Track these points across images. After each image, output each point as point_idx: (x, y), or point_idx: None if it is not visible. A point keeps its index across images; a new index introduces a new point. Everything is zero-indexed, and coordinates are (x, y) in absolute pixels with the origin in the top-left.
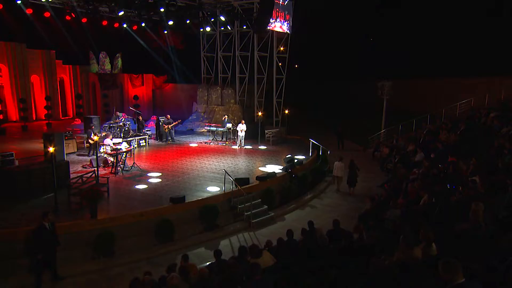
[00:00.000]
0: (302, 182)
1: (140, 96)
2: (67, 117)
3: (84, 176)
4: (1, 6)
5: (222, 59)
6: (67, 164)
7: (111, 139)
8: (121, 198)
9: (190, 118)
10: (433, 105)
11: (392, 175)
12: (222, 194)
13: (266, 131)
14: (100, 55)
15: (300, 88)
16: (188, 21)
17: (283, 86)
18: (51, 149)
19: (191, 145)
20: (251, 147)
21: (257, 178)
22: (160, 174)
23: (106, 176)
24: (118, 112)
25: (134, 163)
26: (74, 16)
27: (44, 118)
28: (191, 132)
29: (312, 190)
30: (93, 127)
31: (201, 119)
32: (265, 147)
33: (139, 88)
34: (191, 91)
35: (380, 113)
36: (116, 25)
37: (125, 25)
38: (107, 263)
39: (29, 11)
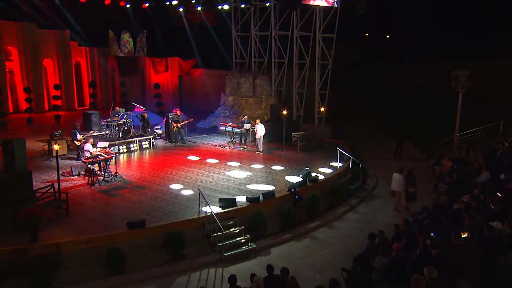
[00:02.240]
0: (311, 205)
1: (164, 84)
2: (83, 107)
3: (39, 191)
4: None
5: (257, 39)
6: (29, 174)
7: (94, 144)
8: (79, 219)
9: (215, 112)
10: None
11: (434, 202)
12: (195, 218)
13: (293, 134)
14: (122, 35)
15: (351, 77)
16: None
17: (329, 74)
18: None
19: (202, 148)
20: (270, 153)
21: (247, 199)
22: (143, 188)
23: (76, 188)
24: (118, 108)
25: (116, 172)
26: None
27: (58, 108)
28: (213, 130)
29: (326, 214)
30: (79, 126)
31: (228, 114)
32: (286, 155)
33: (163, 74)
34: (222, 78)
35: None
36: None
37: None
38: None
39: None
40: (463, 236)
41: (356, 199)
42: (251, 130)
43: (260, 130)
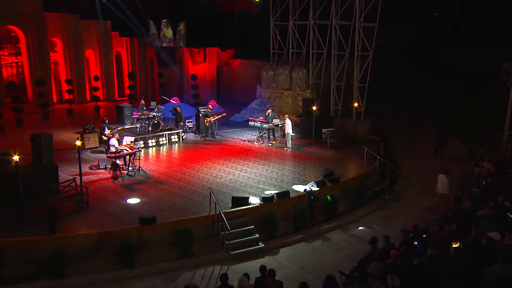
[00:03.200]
0: (328, 206)
1: (202, 75)
2: (123, 98)
3: (62, 184)
4: None
5: (295, 29)
6: (55, 168)
7: (121, 138)
8: (98, 212)
9: (249, 105)
10: None
11: (456, 208)
12: (205, 216)
13: (323, 130)
14: (162, 25)
15: (399, 68)
16: None
17: (369, 66)
18: (16, 157)
19: (231, 143)
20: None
21: (261, 198)
22: (163, 183)
23: (100, 182)
24: (143, 101)
25: (139, 167)
26: None
27: (100, 99)
28: (246, 124)
29: (343, 216)
30: (107, 120)
31: (263, 107)
32: (314, 152)
33: (201, 65)
34: (260, 69)
35: None
36: None
37: None
38: (56, 284)
39: None
40: (454, 246)
41: (380, 201)
42: (280, 125)
43: (288, 126)
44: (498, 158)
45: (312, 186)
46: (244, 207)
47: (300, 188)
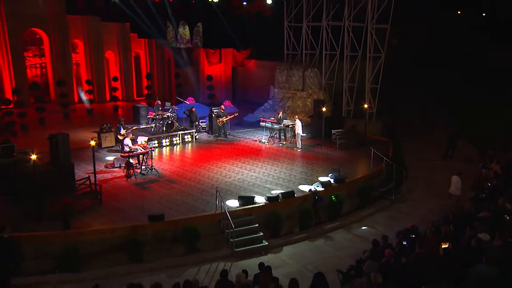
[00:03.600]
0: (333, 206)
1: (217, 76)
2: (141, 98)
3: (78, 181)
4: None
5: (309, 31)
6: (71, 166)
7: (135, 138)
8: (110, 209)
9: (263, 105)
10: None
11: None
12: (211, 214)
13: (333, 131)
14: (179, 27)
15: (408, 70)
16: None
17: (381, 68)
18: (33, 157)
19: (242, 143)
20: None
21: (267, 198)
22: (174, 182)
23: (114, 180)
24: (158, 101)
25: (152, 166)
26: None
27: (118, 99)
28: (259, 124)
29: (347, 216)
30: (123, 121)
31: (276, 108)
32: (323, 153)
33: (216, 66)
34: (274, 70)
35: None
36: None
37: None
38: (68, 277)
39: None
40: (443, 246)
41: (385, 202)
42: (290, 126)
43: (298, 126)
44: (507, 160)
45: (318, 186)
46: (249, 206)
47: (306, 188)
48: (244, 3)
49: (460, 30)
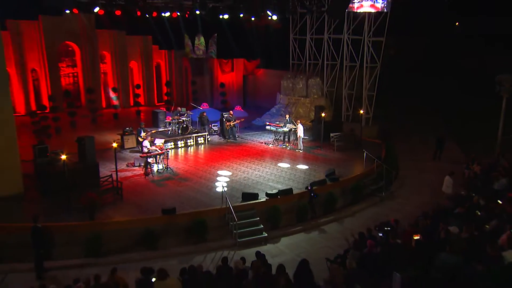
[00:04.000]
0: (327, 202)
1: (229, 83)
2: (161, 103)
3: (102, 178)
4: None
5: (312, 43)
6: (96, 165)
7: (152, 141)
8: (129, 203)
9: (270, 110)
10: None
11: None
12: (217, 208)
13: (331, 134)
14: (196, 38)
15: (404, 78)
16: None
17: (377, 76)
18: (63, 157)
19: (250, 145)
20: (308, 152)
21: (267, 194)
22: (186, 180)
23: (134, 177)
24: (180, 108)
25: (167, 165)
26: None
27: (141, 104)
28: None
29: (340, 211)
30: (144, 125)
31: (281, 113)
32: (322, 154)
33: (229, 74)
34: (281, 78)
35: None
36: None
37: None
38: (92, 261)
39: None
40: (415, 238)
41: (375, 199)
42: (293, 129)
43: (300, 130)
44: (488, 162)
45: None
46: (250, 202)
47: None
48: (252, 18)
49: (453, 41)
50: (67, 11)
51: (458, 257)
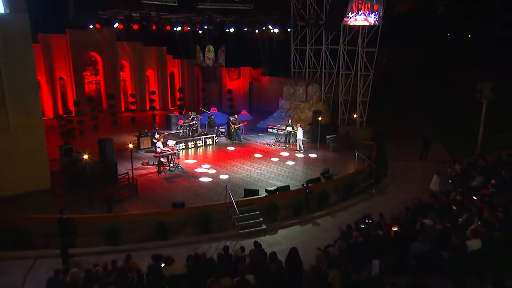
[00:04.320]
0: (321, 198)
1: (236, 89)
2: (175, 108)
3: (119, 175)
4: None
5: (311, 52)
6: (115, 164)
7: (164, 142)
8: (144, 198)
9: (273, 114)
10: None
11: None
12: (221, 203)
13: (327, 136)
14: (206, 49)
15: (396, 84)
16: None
17: (370, 84)
18: (85, 156)
19: (253, 146)
20: (306, 152)
21: (266, 190)
22: (195, 177)
23: (148, 175)
24: (190, 112)
25: (178, 164)
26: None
27: (156, 108)
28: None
29: (333, 206)
30: (158, 127)
31: (283, 116)
32: (318, 155)
33: (236, 81)
34: (283, 85)
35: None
36: None
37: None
38: (110, 249)
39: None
40: (394, 229)
41: (365, 195)
42: (292, 132)
43: (299, 132)
44: (469, 161)
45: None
46: (251, 197)
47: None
48: (256, 31)
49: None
50: (91, 26)
51: (427, 246)
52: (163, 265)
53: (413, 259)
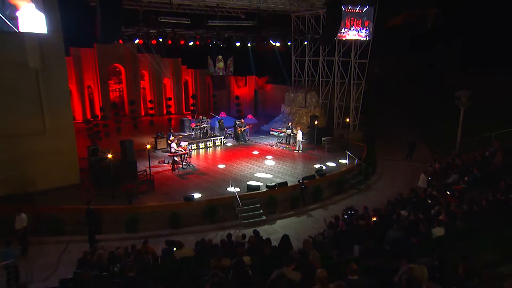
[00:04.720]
0: (315, 193)
1: (243, 96)
2: (188, 112)
3: (139, 172)
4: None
5: (310, 63)
6: (135, 162)
7: (178, 143)
8: (160, 192)
9: (275, 118)
10: None
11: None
12: (227, 197)
13: (322, 138)
14: (216, 59)
15: (387, 92)
16: None
17: (362, 91)
18: (109, 156)
19: (257, 147)
20: (304, 152)
21: (266, 186)
22: (204, 174)
23: (163, 172)
24: (201, 116)
25: (190, 162)
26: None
27: (172, 113)
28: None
29: (326, 200)
30: (173, 130)
31: (284, 120)
32: (316, 154)
33: (243, 88)
34: (285, 92)
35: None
36: None
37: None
38: (130, 235)
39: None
40: (373, 219)
41: (355, 190)
42: (292, 134)
43: (299, 134)
44: (447, 161)
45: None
46: (253, 192)
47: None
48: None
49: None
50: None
51: (401, 233)
52: (174, 249)
53: (388, 245)
